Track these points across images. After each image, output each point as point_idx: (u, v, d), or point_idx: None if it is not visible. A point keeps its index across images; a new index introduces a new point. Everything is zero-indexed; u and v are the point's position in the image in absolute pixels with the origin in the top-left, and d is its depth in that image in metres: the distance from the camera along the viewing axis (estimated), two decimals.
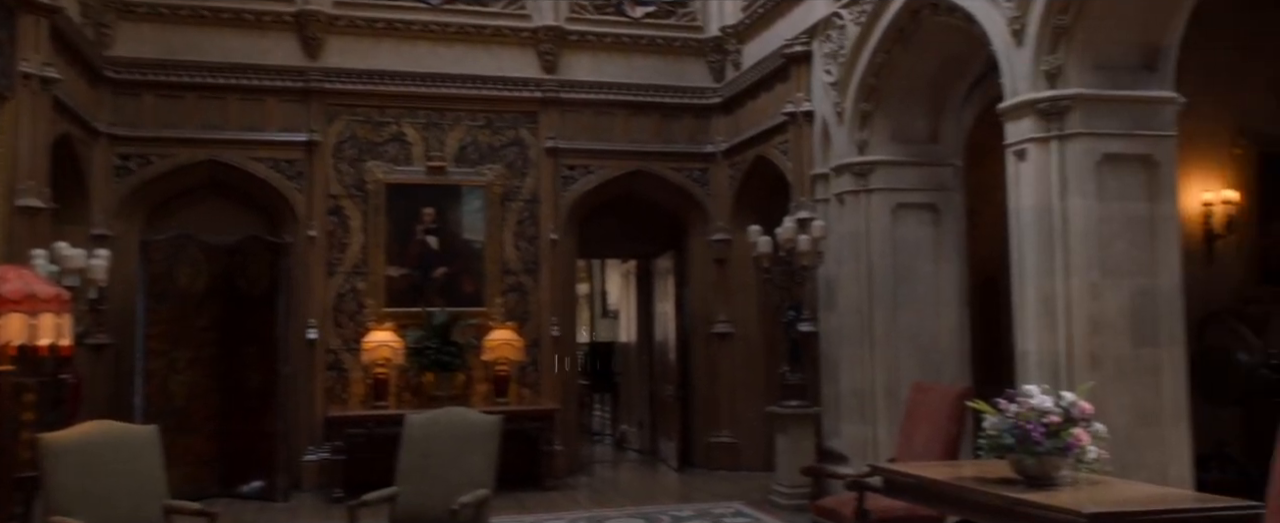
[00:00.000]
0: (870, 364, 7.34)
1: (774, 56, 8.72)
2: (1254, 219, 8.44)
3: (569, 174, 9.86)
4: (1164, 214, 5.47)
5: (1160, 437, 5.36)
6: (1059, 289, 5.33)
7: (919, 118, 7.43)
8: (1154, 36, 5.50)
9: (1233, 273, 8.37)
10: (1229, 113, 8.44)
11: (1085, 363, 5.24)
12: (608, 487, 9.55)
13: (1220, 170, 8.44)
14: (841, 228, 7.60)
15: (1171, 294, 5.44)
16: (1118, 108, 5.40)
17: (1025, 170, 5.50)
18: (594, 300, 15.76)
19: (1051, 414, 3.89)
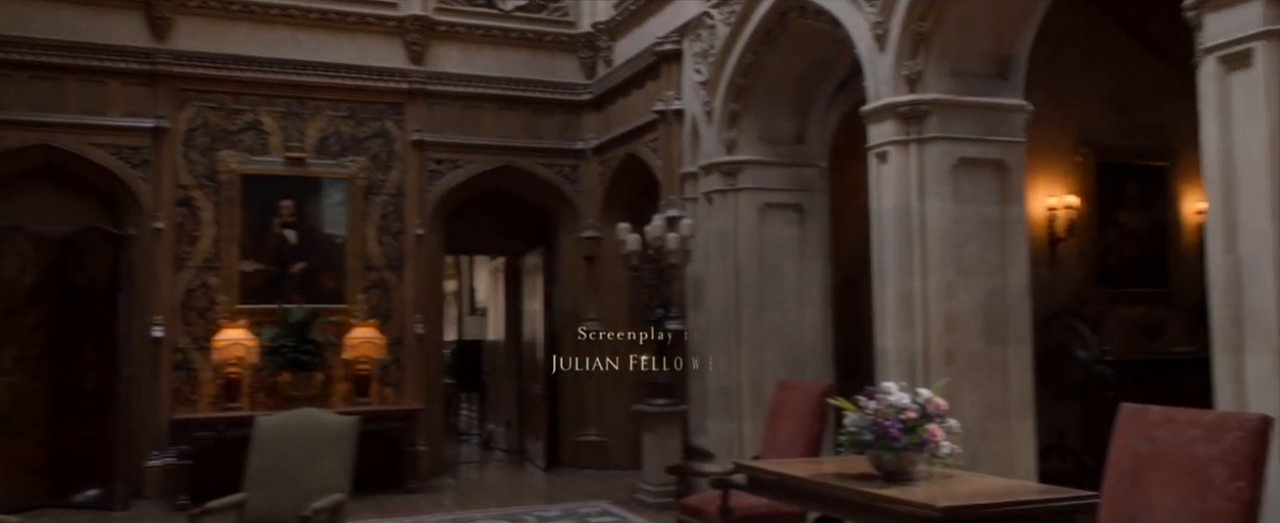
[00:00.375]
0: (737, 362, 7.42)
1: (645, 54, 8.72)
2: (1092, 224, 8.95)
3: (436, 168, 9.62)
4: (1014, 217, 5.70)
5: (1008, 430, 5.59)
6: (917, 288, 5.49)
7: (786, 119, 7.55)
8: (1006, 47, 5.73)
9: (1073, 275, 8.84)
10: (1072, 123, 8.92)
11: (941, 360, 5.42)
12: (473, 488, 9.36)
13: (1063, 177, 8.90)
14: (710, 227, 7.66)
15: (1020, 294, 5.67)
16: (972, 114, 5.60)
17: (886, 172, 5.64)
18: (462, 298, 15.47)
19: (908, 411, 3.97)
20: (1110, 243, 9.12)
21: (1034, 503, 3.62)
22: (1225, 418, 3.27)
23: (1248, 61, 3.69)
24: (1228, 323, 3.74)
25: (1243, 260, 3.70)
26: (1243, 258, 3.70)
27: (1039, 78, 7.77)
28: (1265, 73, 3.64)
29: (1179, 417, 3.36)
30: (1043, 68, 8.28)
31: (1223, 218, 3.78)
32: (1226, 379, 3.77)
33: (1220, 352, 3.79)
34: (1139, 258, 9.23)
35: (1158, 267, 9.29)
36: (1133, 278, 9.18)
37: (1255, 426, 3.16)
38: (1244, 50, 3.70)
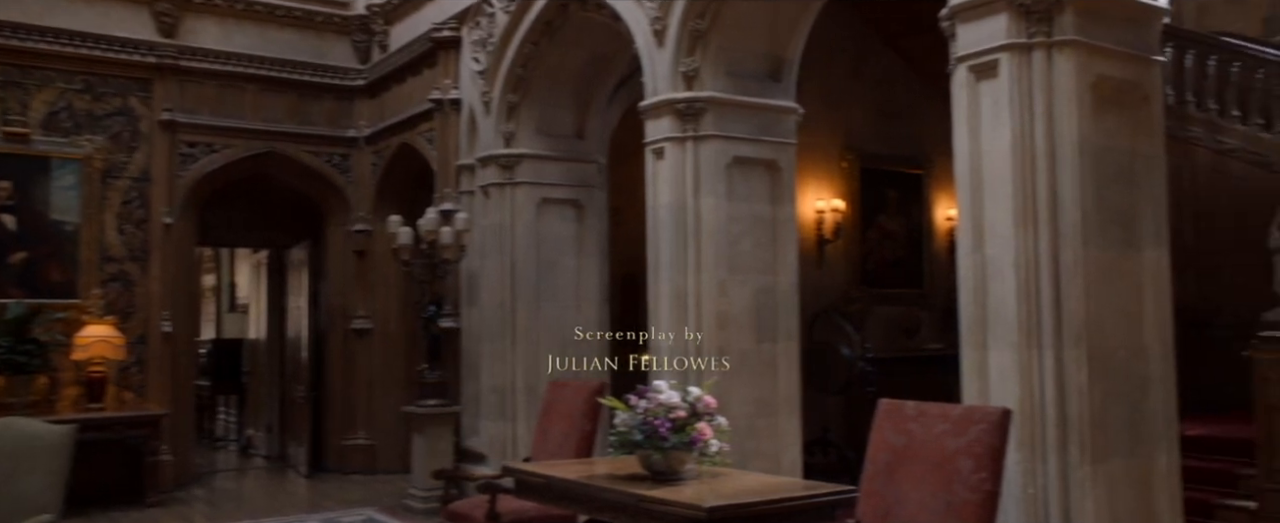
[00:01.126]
0: (511, 360, 7.21)
1: (422, 40, 8.34)
2: (856, 227, 9.39)
3: (189, 151, 8.82)
4: (785, 217, 5.81)
5: (776, 426, 5.69)
6: (691, 285, 5.48)
7: (566, 112, 7.42)
8: (779, 49, 5.83)
9: (839, 275, 9.24)
10: (840, 129, 9.33)
11: (714, 357, 5.43)
12: (226, 498, 8.65)
13: (831, 181, 9.28)
14: (486, 221, 7.41)
15: (789, 292, 5.79)
16: (747, 113, 5.66)
17: (663, 169, 5.60)
18: (221, 293, 14.38)
19: (678, 410, 3.91)
20: (872, 245, 9.60)
21: (797, 500, 3.63)
22: (971, 412, 3.39)
23: (995, 72, 3.87)
24: (974, 321, 3.91)
25: (988, 260, 3.87)
26: (988, 258, 3.88)
27: (811, 85, 8.03)
28: (1009, 83, 3.82)
29: (931, 411, 3.46)
30: (815, 75, 8.59)
31: (971, 220, 3.95)
32: (972, 374, 3.94)
33: (967, 348, 3.96)
34: (898, 260, 9.78)
35: (914, 269, 9.88)
36: (892, 279, 9.71)
37: (996, 418, 3.29)
38: (991, 61, 3.88)
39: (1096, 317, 3.74)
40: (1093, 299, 3.73)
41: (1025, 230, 3.77)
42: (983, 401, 3.86)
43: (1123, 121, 3.97)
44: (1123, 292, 3.90)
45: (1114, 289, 3.86)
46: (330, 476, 9.34)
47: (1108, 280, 3.83)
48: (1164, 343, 4.02)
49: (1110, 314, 3.82)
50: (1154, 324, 3.99)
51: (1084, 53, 3.78)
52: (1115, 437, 3.79)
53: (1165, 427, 3.98)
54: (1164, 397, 3.99)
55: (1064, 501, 3.66)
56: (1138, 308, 3.95)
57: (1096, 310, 3.74)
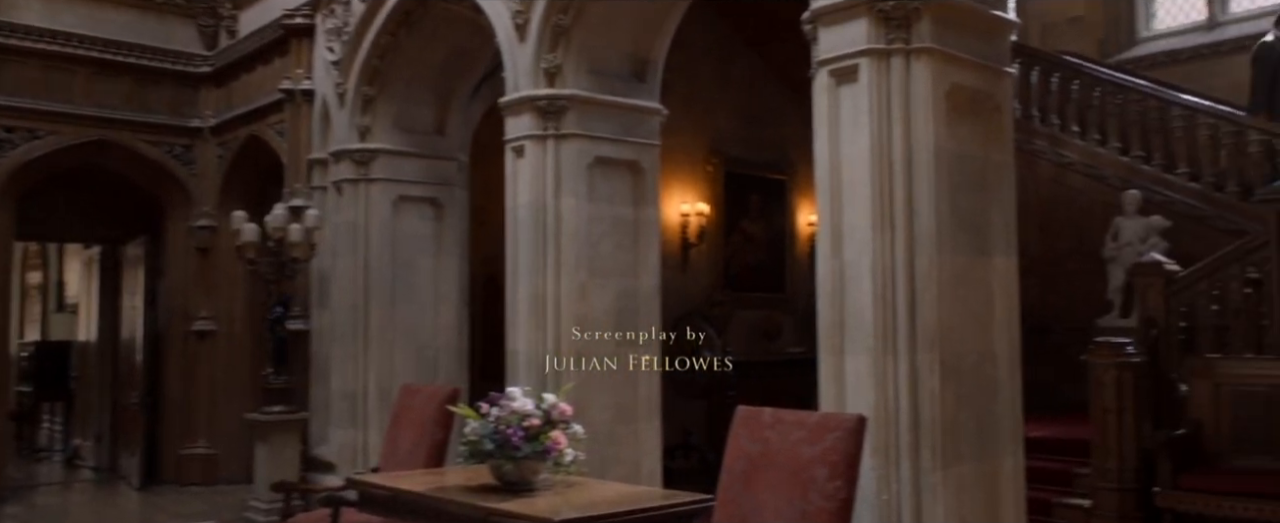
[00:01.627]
0: (363, 364, 6.88)
1: (273, 27, 7.90)
2: (720, 230, 9.42)
3: (7, 137, 8.11)
4: (647, 219, 5.73)
5: (636, 433, 5.59)
6: (550, 288, 5.32)
7: (425, 107, 7.14)
8: (643, 49, 5.74)
9: (703, 278, 9.25)
10: (705, 133, 9.34)
11: (572, 362, 5.29)
12: (47, 515, 7.99)
13: (696, 185, 9.29)
14: (339, 218, 7.06)
15: (651, 295, 5.70)
16: (610, 113, 5.54)
17: (523, 167, 5.43)
18: (48, 293, 13.35)
19: (532, 417, 3.75)
20: (736, 249, 9.66)
21: (653, 510, 3.52)
22: (827, 419, 3.36)
23: (855, 76, 3.87)
24: (832, 327, 3.90)
25: (846, 265, 3.87)
26: (846, 263, 3.87)
27: (676, 87, 8.01)
28: (869, 88, 3.82)
29: (787, 418, 3.41)
30: (680, 78, 8.59)
31: (830, 225, 3.94)
32: (830, 380, 3.92)
33: (825, 354, 3.94)
34: (760, 264, 9.86)
35: (776, 273, 9.98)
36: (755, 283, 9.79)
37: (852, 425, 3.26)
38: (852, 65, 3.88)
39: (949, 322, 3.78)
40: (946, 305, 3.77)
41: (882, 236, 3.77)
42: (839, 406, 3.85)
43: (975, 130, 4.03)
44: (974, 297, 3.96)
45: (966, 295, 3.91)
46: (166, 488, 8.74)
47: (960, 286, 3.87)
48: (1012, 348, 4.11)
49: (962, 320, 3.87)
50: (1003, 329, 4.07)
51: (940, 61, 3.81)
52: (965, 441, 3.84)
53: (1012, 430, 4.07)
54: (1011, 401, 4.07)
55: (916, 506, 3.68)
56: (988, 314, 4.02)
57: (949, 316, 3.78)
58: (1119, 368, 5.50)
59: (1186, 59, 9.32)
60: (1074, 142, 8.54)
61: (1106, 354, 5.55)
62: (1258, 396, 5.36)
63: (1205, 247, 7.34)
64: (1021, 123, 8.94)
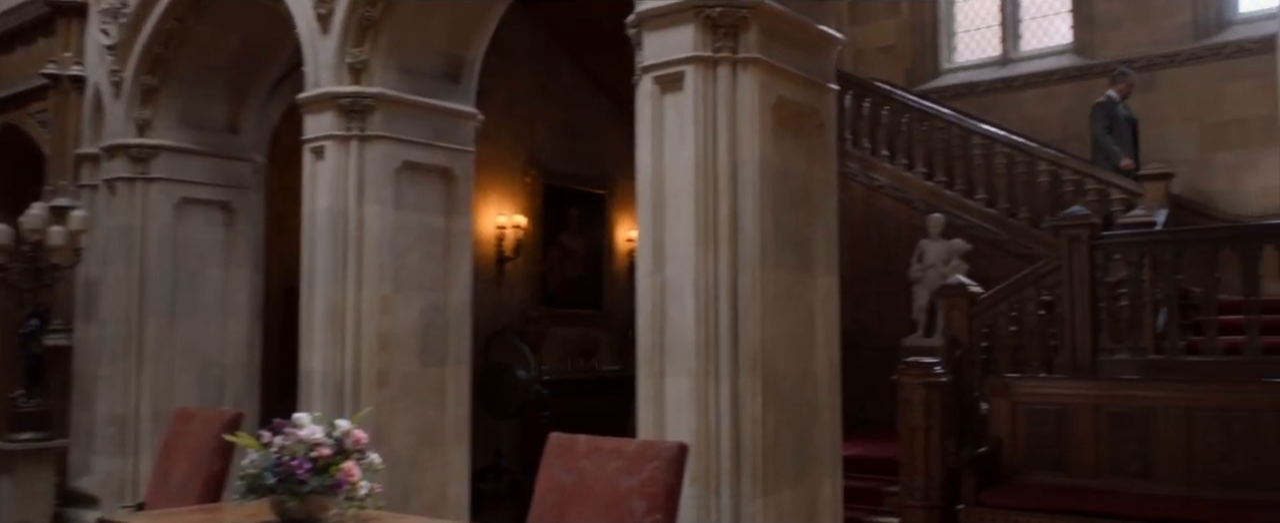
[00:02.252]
0: (136, 384, 6.16)
1: (36, 3, 7.04)
2: (538, 244, 9.14)
3: None
4: (459, 229, 5.38)
5: (443, 457, 5.22)
6: (350, 301, 4.89)
7: (216, 102, 6.52)
8: (458, 48, 5.41)
9: (518, 294, 8.93)
10: (523, 144, 9.06)
11: (373, 382, 4.88)
12: None
13: (513, 196, 8.98)
14: (111, 221, 6.31)
15: (461, 311, 5.36)
16: (420, 115, 5.18)
17: (323, 170, 4.98)
18: None
19: (321, 447, 3.34)
20: (553, 264, 9.40)
21: None
22: (646, 448, 3.14)
23: (680, 85, 3.70)
24: (652, 347, 3.70)
25: (668, 282, 3.68)
26: (668, 279, 3.68)
27: (496, 95, 7.71)
28: (695, 97, 3.67)
29: (604, 446, 3.16)
30: (500, 86, 8.30)
31: (652, 239, 3.75)
32: (649, 403, 3.72)
33: (645, 376, 3.74)
34: (578, 280, 9.64)
35: (594, 289, 9.79)
36: (572, 299, 9.55)
37: (672, 454, 3.05)
38: (677, 73, 3.71)
39: (772, 342, 3.66)
40: (769, 324, 3.64)
41: (706, 251, 3.61)
42: (659, 431, 3.65)
43: (799, 145, 3.95)
44: (797, 316, 3.86)
45: (789, 313, 3.81)
46: None
47: (783, 305, 3.77)
48: (832, 368, 4.04)
49: (785, 339, 3.76)
50: (824, 349, 4.00)
51: (767, 72, 3.70)
52: (786, 466, 3.72)
53: (831, 453, 3.99)
54: (831, 423, 4.00)
55: None
56: (810, 333, 3.94)
57: (772, 335, 3.66)
58: (927, 387, 5.60)
59: (983, 91, 9.84)
60: (884, 165, 8.80)
61: (915, 374, 5.64)
62: (1049, 413, 5.57)
63: (1000, 269, 7.69)
64: (835, 145, 9.16)
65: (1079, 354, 5.67)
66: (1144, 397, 5.33)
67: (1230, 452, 5.05)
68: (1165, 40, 8.98)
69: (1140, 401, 5.33)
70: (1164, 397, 5.28)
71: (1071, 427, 5.48)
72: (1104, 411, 5.41)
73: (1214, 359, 5.39)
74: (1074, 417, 5.48)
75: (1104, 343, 5.69)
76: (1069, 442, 5.45)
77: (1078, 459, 5.40)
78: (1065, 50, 9.69)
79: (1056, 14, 9.86)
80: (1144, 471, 5.24)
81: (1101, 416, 5.41)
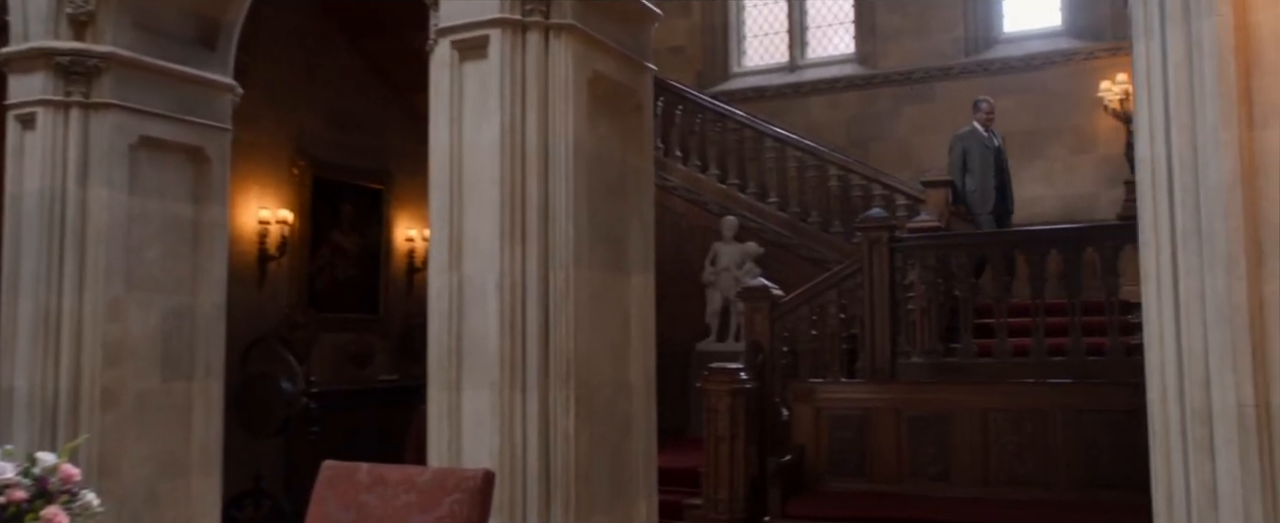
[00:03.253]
0: None
1: None
2: (306, 243, 8.27)
3: None
4: (212, 220, 4.60)
5: (187, 488, 4.42)
6: (67, 305, 4.02)
7: None
8: (213, 9, 4.63)
9: (283, 297, 8.03)
10: (291, 132, 8.16)
11: (97, 403, 4.02)
12: None
13: (279, 188, 8.06)
14: None
15: (213, 316, 4.58)
16: (164, 82, 4.37)
17: (33, 142, 4.08)
18: None
19: (15, 488, 2.59)
20: (323, 264, 8.54)
21: None
22: (443, 478, 2.61)
23: (484, 51, 3.20)
24: (447, 355, 3.17)
25: (467, 280, 3.17)
26: (467, 277, 3.17)
27: (258, 74, 6.87)
28: (501, 65, 3.18)
29: (391, 478, 2.61)
30: (264, 64, 7.42)
31: (449, 231, 3.22)
32: (442, 420, 3.18)
33: (437, 388, 3.20)
34: (351, 282, 8.82)
35: (369, 292, 8.99)
36: (344, 302, 8.72)
37: (476, 485, 2.54)
38: (480, 37, 3.21)
39: (587, 349, 3.23)
40: (583, 329, 3.21)
41: (512, 245, 3.13)
42: (454, 454, 3.12)
43: (616, 128, 3.54)
44: (611, 320, 3.45)
45: (603, 317, 3.39)
46: None
47: (598, 307, 3.34)
48: (647, 377, 3.66)
49: (600, 346, 3.34)
50: (640, 356, 3.61)
51: (583, 42, 3.27)
52: (600, 489, 3.29)
53: (646, 471, 3.61)
54: (647, 437, 3.61)
55: None
56: (625, 338, 3.54)
57: (587, 341, 3.22)
58: (732, 395, 5.36)
59: (772, 96, 9.89)
60: (677, 166, 8.60)
61: (720, 381, 5.39)
62: (851, 419, 5.47)
63: (793, 273, 7.65)
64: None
65: (879, 358, 5.62)
66: (942, 400, 5.33)
67: (1022, 452, 5.11)
68: (940, 54, 9.34)
69: (938, 404, 5.33)
70: (961, 399, 5.30)
71: (873, 432, 5.40)
72: (904, 415, 5.37)
73: (1005, 362, 5.47)
74: (875, 422, 5.40)
75: (902, 346, 5.66)
76: (871, 447, 5.36)
77: (880, 465, 5.32)
78: (849, 59, 9.90)
79: (841, 24, 10.08)
80: (943, 473, 5.23)
81: (902, 420, 5.36)
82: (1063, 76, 8.83)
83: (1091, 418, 5.04)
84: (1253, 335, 2.24)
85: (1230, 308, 2.25)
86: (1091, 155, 8.72)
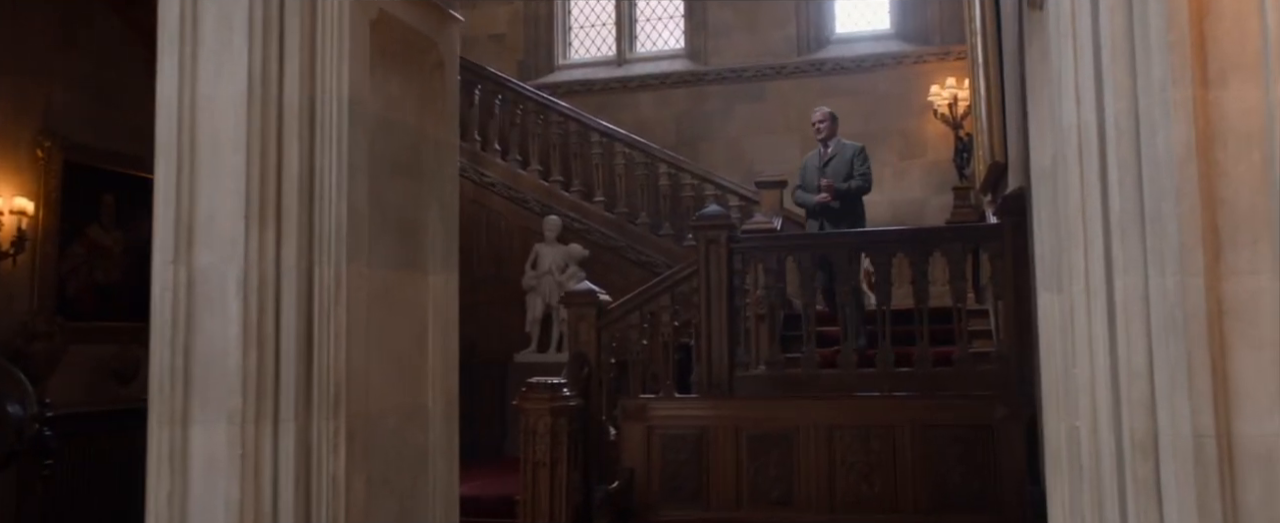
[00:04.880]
0: None
1: None
2: (53, 237, 7.01)
3: None
4: None
5: None
6: None
7: None
8: None
9: (20, 301, 6.76)
10: (36, 107, 6.91)
11: None
12: None
13: (17, 173, 6.79)
14: None
15: None
16: None
17: None
18: None
19: None
20: (77, 264, 7.29)
21: None
22: None
23: None
24: (170, 377, 2.35)
25: (199, 275, 2.36)
26: (199, 272, 2.36)
27: None
28: (251, 7, 2.39)
29: None
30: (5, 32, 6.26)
31: (176, 211, 2.40)
32: (163, 464, 2.36)
33: (158, 422, 2.37)
34: (115, 285, 7.59)
35: (138, 296, 7.74)
36: (105, 309, 7.49)
37: None
38: None
39: (364, 367, 2.48)
40: (360, 342, 2.46)
41: (263, 231, 2.35)
42: (178, 510, 2.31)
43: (410, 89, 2.82)
44: (401, 330, 2.72)
45: (390, 326, 2.66)
46: None
47: (382, 313, 2.61)
48: (449, 401, 2.94)
49: (384, 363, 2.60)
50: (439, 376, 2.88)
51: None
52: None
53: (447, 517, 2.88)
54: (446, 476, 2.89)
55: None
56: (419, 353, 2.81)
57: (364, 359, 2.48)
58: (553, 414, 4.70)
59: (599, 90, 9.32)
60: (496, 161, 7.89)
61: (540, 398, 4.72)
62: (686, 439, 4.93)
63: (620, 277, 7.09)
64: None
65: (716, 370, 5.10)
66: (784, 417, 4.86)
67: (870, 472, 4.70)
68: (772, 52, 9.03)
69: (780, 421, 4.85)
70: (804, 415, 4.84)
71: (711, 452, 4.87)
72: (743, 433, 4.86)
73: (851, 372, 5.05)
74: (713, 441, 4.87)
75: (741, 357, 5.16)
76: (709, 470, 4.83)
77: (718, 489, 4.79)
78: (679, 55, 9.47)
79: (670, 18, 9.63)
80: (786, 497, 4.76)
81: (741, 438, 4.86)
82: (893, 80, 8.69)
83: (940, 434, 4.69)
84: (1211, 347, 1.77)
85: (1183, 312, 1.78)
86: (921, 160, 8.60)
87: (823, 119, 6.81)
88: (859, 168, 6.57)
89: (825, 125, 6.75)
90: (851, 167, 6.58)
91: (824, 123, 6.77)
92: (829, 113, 6.84)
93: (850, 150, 6.67)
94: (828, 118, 6.78)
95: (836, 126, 6.80)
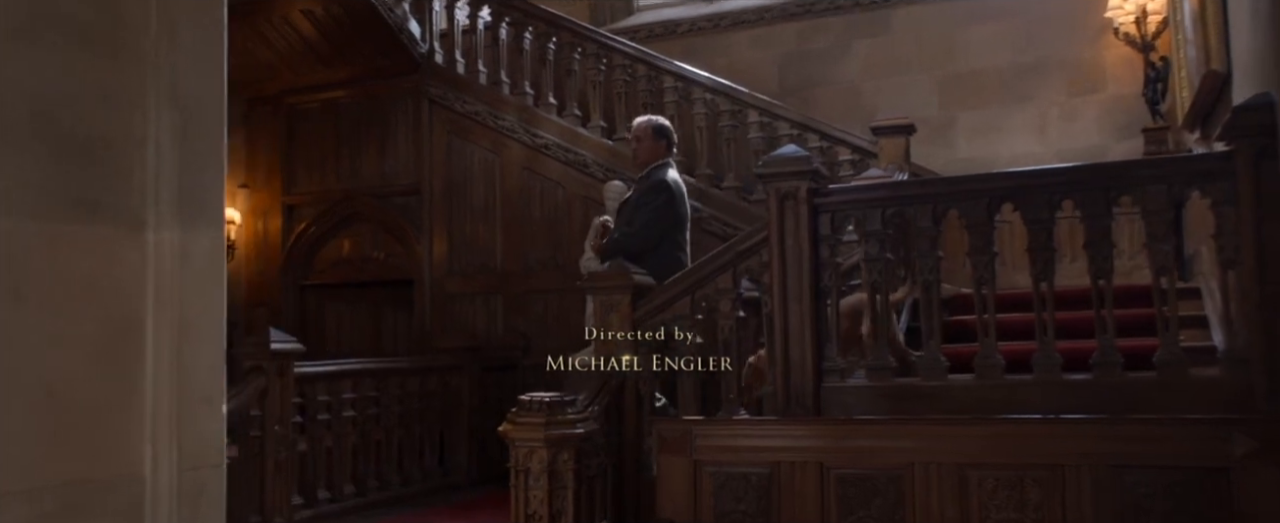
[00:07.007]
0: None
1: None
2: None
3: None
4: None
5: None
6: None
7: None
8: None
9: None
10: None
11: None
12: None
13: None
14: None
15: None
16: None
17: None
18: None
19: None
20: None
21: None
22: None
23: None
24: None
25: None
26: None
27: None
28: None
29: None
30: None
31: None
32: None
33: None
34: None
35: None
36: None
37: None
38: None
39: None
40: None
41: None
42: None
43: None
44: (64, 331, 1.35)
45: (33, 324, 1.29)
46: None
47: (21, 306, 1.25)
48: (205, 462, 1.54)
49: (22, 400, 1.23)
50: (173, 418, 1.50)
51: None
52: None
53: None
54: None
55: None
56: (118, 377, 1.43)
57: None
58: (552, 446, 3.27)
59: (685, 32, 7.81)
60: (550, 118, 6.53)
61: (532, 424, 3.30)
62: (750, 481, 3.41)
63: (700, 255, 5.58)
64: (489, 91, 6.79)
65: (795, 379, 3.54)
66: (892, 449, 3.27)
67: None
68: None
69: (887, 455, 3.27)
70: (922, 448, 3.24)
71: (783, 500, 3.33)
72: (832, 473, 3.30)
73: (993, 382, 3.38)
74: (788, 484, 3.34)
75: (831, 360, 3.58)
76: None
77: None
78: None
79: None
80: None
81: (829, 481, 3.30)
82: None
83: (1140, 479, 3.00)
84: None
85: None
86: (1098, 97, 6.70)
87: (634, 133, 4.95)
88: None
89: (636, 144, 4.90)
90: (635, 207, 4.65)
91: (636, 138, 4.90)
92: (648, 124, 4.91)
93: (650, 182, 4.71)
94: (646, 132, 4.83)
95: (659, 146, 4.81)
